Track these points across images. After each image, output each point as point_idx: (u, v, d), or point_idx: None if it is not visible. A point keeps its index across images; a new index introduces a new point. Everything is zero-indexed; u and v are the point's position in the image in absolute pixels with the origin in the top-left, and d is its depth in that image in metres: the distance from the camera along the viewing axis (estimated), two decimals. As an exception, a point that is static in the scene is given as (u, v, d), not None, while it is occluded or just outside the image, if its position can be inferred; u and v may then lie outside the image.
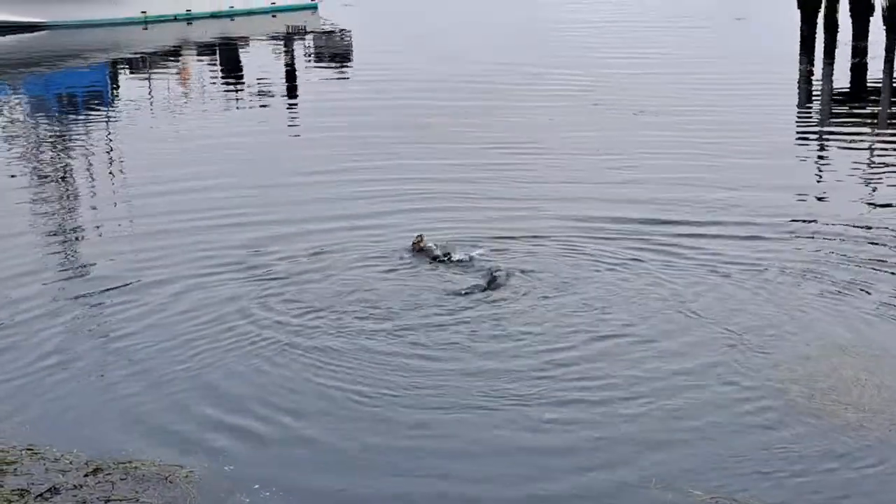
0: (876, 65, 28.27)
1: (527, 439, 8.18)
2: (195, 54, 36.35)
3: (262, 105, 25.61)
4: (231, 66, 33.65)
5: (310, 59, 35.74)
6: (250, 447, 8.13)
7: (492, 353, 9.62)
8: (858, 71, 28.07)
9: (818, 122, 22.16)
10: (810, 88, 26.01)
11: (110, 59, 35.19)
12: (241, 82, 29.71)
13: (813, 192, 15.43)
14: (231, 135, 21.02)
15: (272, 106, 25.48)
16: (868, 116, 22.44)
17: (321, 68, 33.19)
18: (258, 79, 29.39)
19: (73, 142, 20.68)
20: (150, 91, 28.22)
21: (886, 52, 29.00)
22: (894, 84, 25.96)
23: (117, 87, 29.27)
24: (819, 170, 17.37)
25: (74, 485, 7.55)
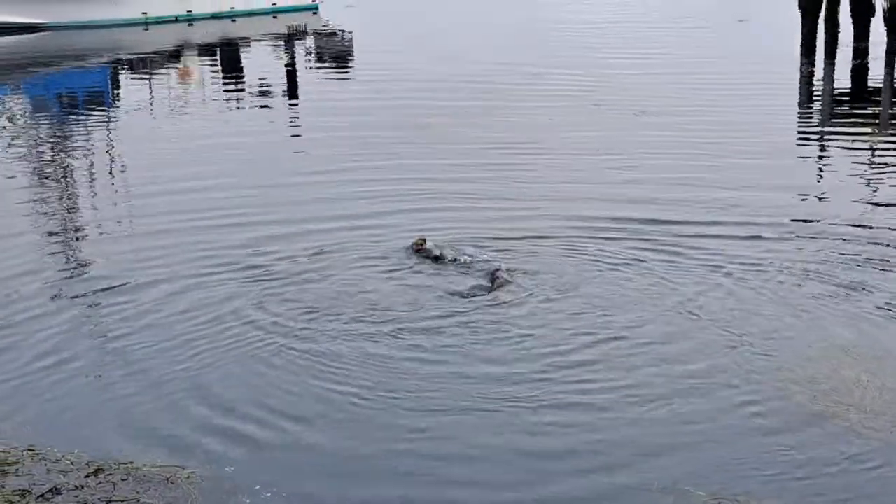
0: (877, 66, 28.24)
1: (527, 442, 8.16)
2: (196, 55, 36.35)
3: (262, 105, 25.61)
4: (232, 67, 33.66)
5: (310, 59, 35.73)
6: (251, 449, 8.12)
7: (493, 355, 9.60)
8: (859, 72, 28.04)
9: (819, 122, 22.15)
10: (811, 89, 25.99)
11: (111, 59, 35.19)
12: (242, 83, 29.72)
13: (814, 192, 15.40)
14: (231, 135, 21.01)
15: (273, 106, 25.46)
16: (869, 117, 22.41)
17: (322, 69, 33.18)
18: (259, 79, 29.38)
19: (73, 142, 20.69)
20: (151, 92, 28.22)
21: (887, 53, 28.94)
22: (895, 85, 25.95)
23: (118, 88, 29.25)
24: (820, 170, 17.36)
25: (76, 485, 7.54)
